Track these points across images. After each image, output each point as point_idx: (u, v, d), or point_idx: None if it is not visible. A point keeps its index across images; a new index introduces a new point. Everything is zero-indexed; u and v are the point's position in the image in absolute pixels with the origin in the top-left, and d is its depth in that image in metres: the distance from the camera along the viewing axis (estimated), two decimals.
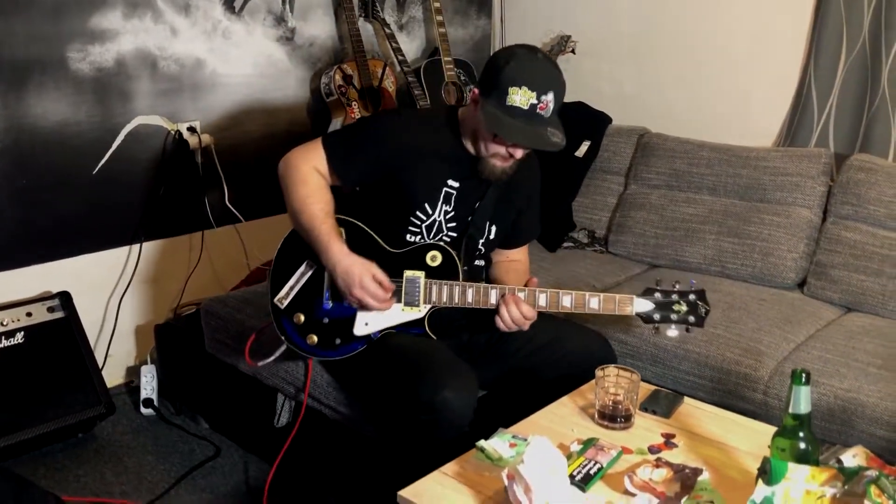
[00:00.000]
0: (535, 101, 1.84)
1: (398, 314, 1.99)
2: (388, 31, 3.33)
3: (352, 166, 2.03)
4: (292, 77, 3.20)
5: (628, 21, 3.42)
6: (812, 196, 2.77)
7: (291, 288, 2.03)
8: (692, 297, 1.97)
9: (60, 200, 2.69)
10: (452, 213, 2.05)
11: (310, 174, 2.00)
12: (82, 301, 2.70)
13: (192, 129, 2.94)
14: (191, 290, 3.00)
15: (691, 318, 1.97)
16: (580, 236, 3.20)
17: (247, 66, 3.06)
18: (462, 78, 3.50)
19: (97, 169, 2.76)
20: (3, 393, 2.42)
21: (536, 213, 2.29)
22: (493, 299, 1.96)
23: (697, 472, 1.52)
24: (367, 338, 2.00)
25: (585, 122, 3.32)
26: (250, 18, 3.04)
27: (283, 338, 2.04)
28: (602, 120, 3.32)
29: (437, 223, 2.04)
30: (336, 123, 3.12)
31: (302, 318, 2.02)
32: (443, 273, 2.00)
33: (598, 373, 1.73)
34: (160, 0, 2.79)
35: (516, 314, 1.92)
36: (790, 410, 1.37)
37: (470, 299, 1.97)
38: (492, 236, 2.13)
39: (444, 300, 1.98)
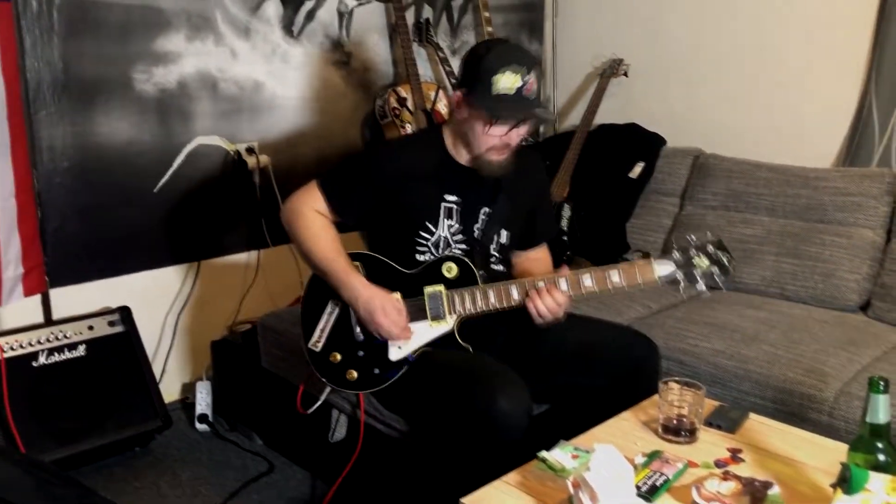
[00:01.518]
0: (521, 84, 1.88)
1: (428, 331, 2.00)
2: (441, 55, 3.37)
3: (350, 203, 2.06)
4: (348, 100, 3.25)
5: (679, 42, 3.42)
6: (875, 217, 2.71)
7: (322, 330, 2.05)
8: (710, 247, 1.92)
9: (123, 217, 2.75)
10: (457, 227, 2.06)
11: (312, 218, 2.04)
12: (141, 317, 2.75)
13: (250, 150, 2.99)
14: (246, 308, 3.03)
15: (716, 270, 1.91)
16: (635, 258, 3.17)
17: (304, 88, 3.12)
18: None
19: (158, 187, 2.82)
20: (66, 404, 2.47)
21: (549, 212, 2.31)
22: (515, 294, 1.95)
23: (767, 485, 1.48)
24: (404, 361, 2.00)
25: (639, 143, 3.31)
26: (308, 42, 3.10)
27: (324, 380, 2.05)
28: (656, 141, 3.31)
29: (442, 239, 2.06)
30: None
31: (338, 356, 2.04)
32: (461, 282, 2.00)
33: (662, 386, 1.70)
34: (222, 24, 2.86)
35: (549, 302, 1.91)
36: (868, 420, 1.33)
37: (493, 300, 1.97)
38: (503, 240, 2.12)
39: (469, 307, 1.98)
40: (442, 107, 3.28)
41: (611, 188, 3.26)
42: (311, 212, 2.05)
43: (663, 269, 1.92)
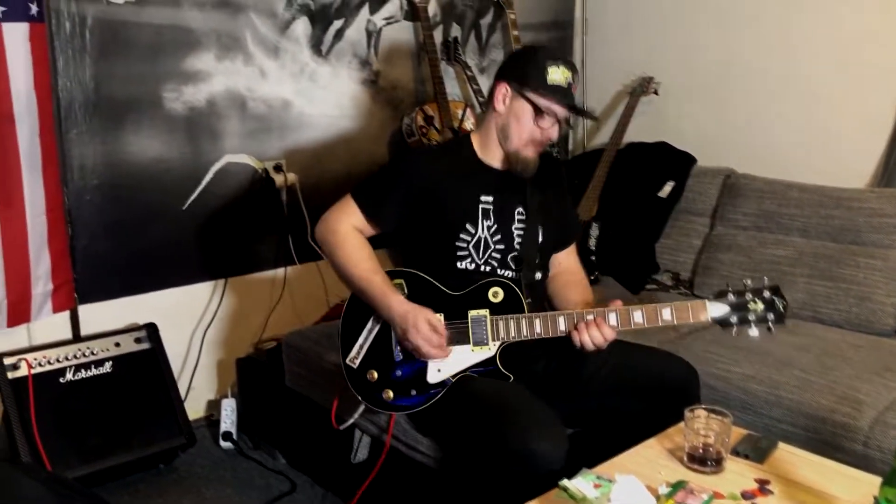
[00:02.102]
0: (571, 80, 1.98)
1: (469, 355, 1.97)
2: (469, 73, 3.37)
3: (386, 209, 2.06)
4: (375, 118, 3.26)
5: (710, 60, 3.37)
6: None
7: (361, 347, 2.03)
8: (767, 293, 1.88)
9: (151, 235, 2.77)
10: (495, 227, 2.05)
11: (347, 234, 2.04)
12: (167, 333, 2.76)
13: (278, 168, 3.00)
14: (272, 326, 3.03)
15: (770, 316, 1.88)
16: (664, 278, 3.13)
17: (332, 107, 3.13)
18: None
19: (186, 205, 2.84)
20: (91, 420, 2.48)
21: (573, 211, 2.36)
22: (562, 326, 1.93)
23: None
24: (443, 384, 1.98)
25: (669, 162, 3.27)
26: (336, 61, 3.11)
27: (359, 397, 2.03)
28: (686, 160, 3.27)
29: (482, 240, 2.04)
30: None
31: (375, 374, 2.01)
32: (507, 307, 1.97)
33: (688, 414, 1.66)
34: (251, 43, 2.88)
35: (597, 336, 1.88)
36: None
37: (538, 329, 1.94)
38: (540, 239, 2.10)
39: (513, 334, 1.95)
40: (469, 125, 3.26)
41: (640, 207, 3.22)
42: (345, 228, 2.04)
43: (717, 310, 1.89)
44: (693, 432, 1.65)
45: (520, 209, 2.08)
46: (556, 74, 1.95)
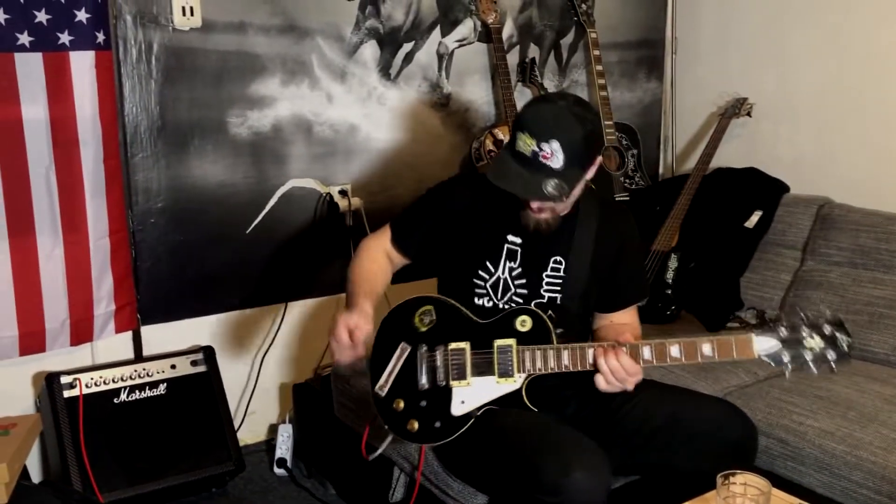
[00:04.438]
0: (536, 149, 1.75)
1: (494, 387, 1.85)
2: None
3: (410, 239, 2.07)
4: (445, 142, 3.18)
5: (811, 80, 3.11)
6: None
7: (390, 374, 1.94)
8: (827, 328, 1.66)
9: (214, 258, 2.80)
10: (519, 270, 1.94)
11: (368, 249, 2.07)
12: (228, 356, 2.77)
13: (343, 193, 2.98)
14: None
15: (831, 355, 1.65)
16: (748, 316, 2.88)
17: (400, 131, 3.08)
18: (624, 142, 3.33)
19: (250, 229, 2.85)
20: (144, 441, 2.51)
21: (639, 274, 2.14)
22: (591, 358, 1.78)
23: None
24: (468, 416, 1.86)
25: (757, 190, 3.03)
26: (405, 85, 3.06)
27: (386, 427, 1.95)
28: (777, 188, 3.01)
29: (501, 280, 1.94)
30: None
31: (402, 404, 1.92)
32: (535, 338, 1.85)
33: (720, 480, 1.48)
34: (318, 68, 2.87)
35: (615, 365, 1.73)
36: None
37: (566, 361, 1.80)
38: (579, 294, 1.96)
39: (539, 366, 1.83)
40: None
41: (724, 238, 2.99)
42: (373, 243, 2.08)
43: (765, 345, 1.70)
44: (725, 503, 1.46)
45: (557, 258, 1.96)
46: (522, 141, 1.77)
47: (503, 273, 1.95)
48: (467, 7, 3.11)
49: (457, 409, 1.87)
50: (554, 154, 1.74)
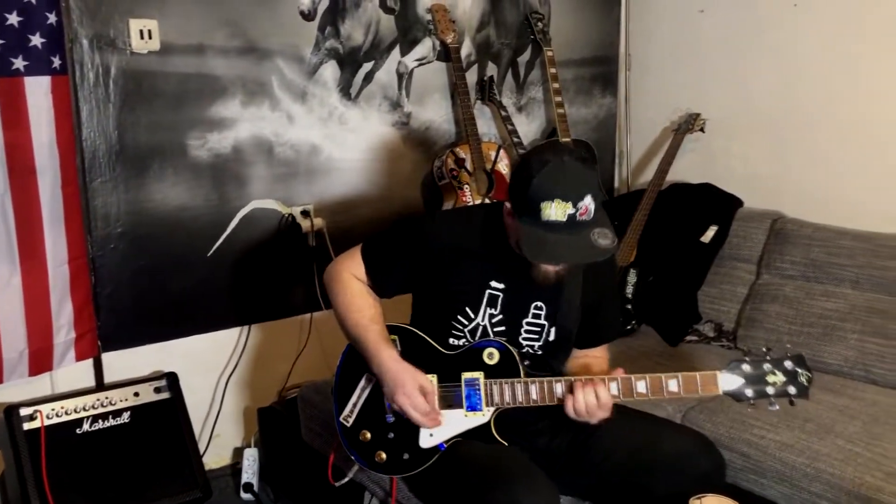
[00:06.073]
0: (573, 211, 1.66)
1: (462, 421, 1.87)
2: (504, 113, 3.28)
3: (389, 279, 1.98)
4: (407, 160, 3.20)
5: (763, 96, 3.19)
6: None
7: (355, 405, 1.95)
8: (788, 363, 1.74)
9: (175, 282, 2.76)
10: (500, 318, 1.92)
11: (350, 281, 1.96)
12: (192, 381, 2.74)
13: (305, 213, 2.97)
14: (298, 372, 2.98)
15: (791, 390, 1.73)
16: (706, 329, 2.96)
17: (361, 150, 3.08)
18: None
19: (212, 251, 2.82)
20: (108, 472, 2.46)
21: (615, 313, 2.16)
22: (559, 392, 1.81)
23: None
24: (436, 449, 1.88)
25: (713, 205, 3.11)
26: (366, 104, 3.07)
27: (352, 457, 1.95)
28: (732, 203, 3.10)
29: (480, 327, 1.92)
30: (448, 206, 3.07)
31: (368, 435, 1.93)
32: (502, 371, 1.86)
33: (694, 503, 1.52)
34: (278, 89, 2.86)
35: (591, 399, 1.75)
36: None
37: (535, 396, 1.82)
38: (551, 338, 1.96)
39: (507, 400, 1.84)
40: (503, 167, 3.17)
41: (681, 253, 3.06)
42: (349, 276, 1.98)
43: (729, 383, 1.76)
44: None
45: (538, 303, 1.93)
46: (552, 210, 1.66)
47: (482, 320, 1.92)
48: (426, 27, 3.13)
49: (425, 441, 1.89)
50: (588, 208, 1.68)
